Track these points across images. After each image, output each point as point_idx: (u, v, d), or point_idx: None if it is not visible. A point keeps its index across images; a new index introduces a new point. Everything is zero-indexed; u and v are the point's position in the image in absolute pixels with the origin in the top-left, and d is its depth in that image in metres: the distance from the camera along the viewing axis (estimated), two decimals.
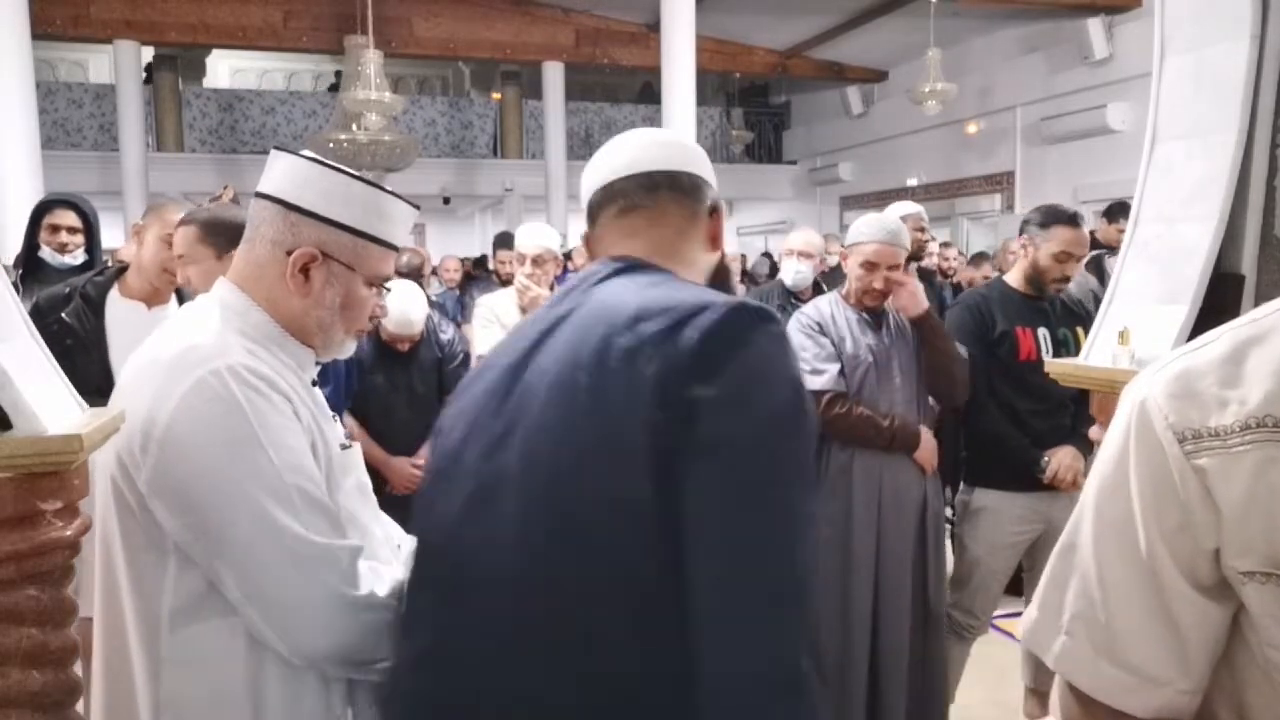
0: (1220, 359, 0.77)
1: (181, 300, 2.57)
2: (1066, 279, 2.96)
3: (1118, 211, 4.89)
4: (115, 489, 1.18)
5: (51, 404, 1.19)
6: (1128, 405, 0.81)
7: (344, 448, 1.33)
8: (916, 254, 4.05)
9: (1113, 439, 0.82)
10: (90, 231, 3.31)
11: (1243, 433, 0.74)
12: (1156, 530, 0.78)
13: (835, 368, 2.65)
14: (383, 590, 1.20)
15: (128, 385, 1.22)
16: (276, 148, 1.32)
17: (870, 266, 2.68)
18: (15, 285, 3.18)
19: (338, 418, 1.38)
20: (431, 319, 3.55)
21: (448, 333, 3.63)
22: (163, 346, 1.21)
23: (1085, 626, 0.82)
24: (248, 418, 1.14)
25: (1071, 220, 2.92)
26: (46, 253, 3.25)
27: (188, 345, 1.18)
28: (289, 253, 1.24)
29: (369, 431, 3.35)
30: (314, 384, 1.34)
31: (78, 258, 3.27)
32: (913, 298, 2.72)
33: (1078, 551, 0.84)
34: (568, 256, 6.73)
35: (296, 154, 1.29)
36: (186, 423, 1.12)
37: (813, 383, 2.60)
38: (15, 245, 5.51)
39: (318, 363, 1.35)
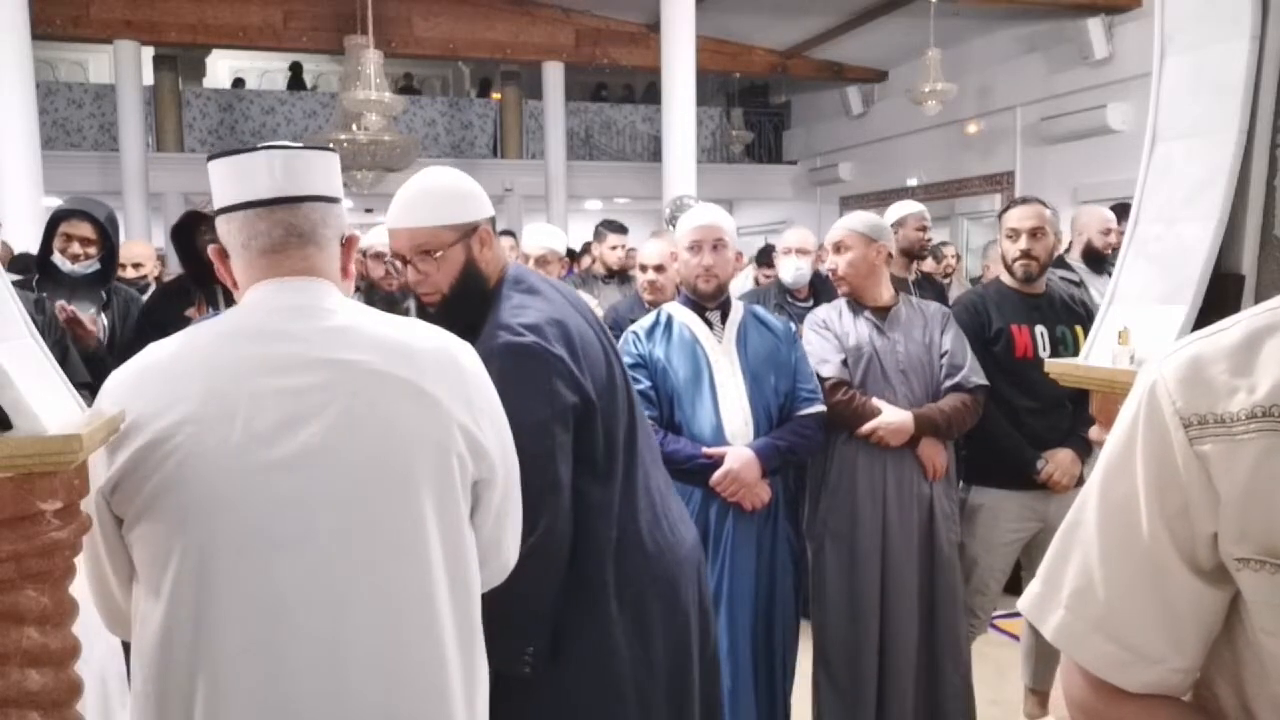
0: (1233, 346, 0.77)
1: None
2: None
3: (1120, 214, 4.89)
4: (454, 463, 1.26)
5: (51, 404, 1.19)
6: (1140, 387, 0.81)
7: None
8: (919, 252, 4.06)
9: (1124, 419, 0.83)
10: (106, 241, 3.31)
11: (1248, 421, 0.74)
12: (1158, 513, 0.78)
13: (839, 357, 2.77)
14: None
15: (429, 360, 1.29)
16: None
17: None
18: (32, 286, 3.22)
19: None
20: None
21: None
22: (410, 335, 1.32)
23: (1083, 602, 0.83)
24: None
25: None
26: (59, 259, 3.27)
27: (444, 336, 1.36)
28: None
29: None
30: None
31: (89, 267, 3.30)
32: (895, 435, 2.68)
33: (1081, 528, 0.85)
34: (572, 256, 6.73)
35: None
36: (489, 382, 1.39)
37: (821, 370, 2.74)
38: (15, 245, 5.54)
39: None
